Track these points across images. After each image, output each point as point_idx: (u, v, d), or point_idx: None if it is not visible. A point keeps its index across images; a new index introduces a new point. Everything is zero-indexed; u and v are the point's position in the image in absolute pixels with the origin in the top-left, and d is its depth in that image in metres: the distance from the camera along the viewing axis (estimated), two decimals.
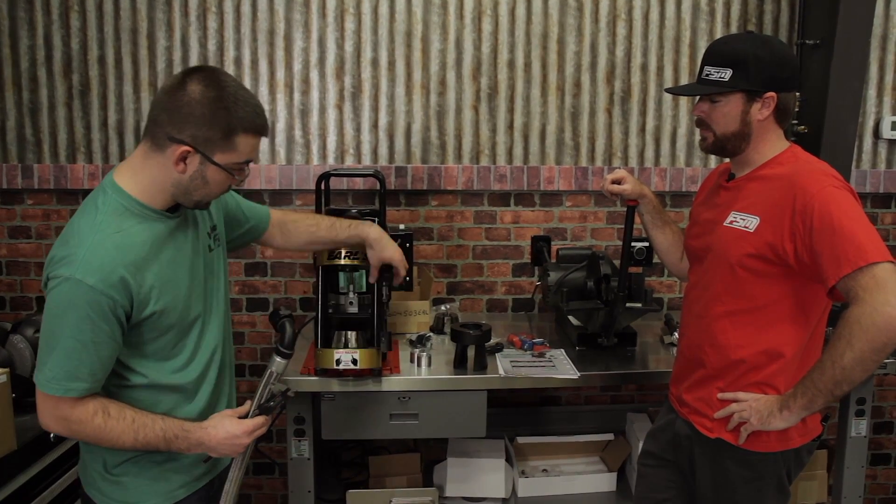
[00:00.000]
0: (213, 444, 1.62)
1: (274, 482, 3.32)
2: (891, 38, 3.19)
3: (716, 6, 3.15)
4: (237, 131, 1.53)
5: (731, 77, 1.75)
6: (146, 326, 1.57)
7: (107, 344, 1.50)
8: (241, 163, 1.59)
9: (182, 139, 1.51)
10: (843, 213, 1.60)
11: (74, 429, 1.53)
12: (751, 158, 1.83)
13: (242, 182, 1.65)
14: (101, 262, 1.47)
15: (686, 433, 1.93)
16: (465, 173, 3.14)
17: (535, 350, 2.57)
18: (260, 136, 1.60)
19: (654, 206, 2.18)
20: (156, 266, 1.56)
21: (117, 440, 1.54)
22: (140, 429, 1.55)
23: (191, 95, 1.50)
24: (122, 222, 1.53)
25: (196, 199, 1.60)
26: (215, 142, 1.52)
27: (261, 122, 1.58)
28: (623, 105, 3.18)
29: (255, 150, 1.61)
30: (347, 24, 3.06)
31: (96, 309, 1.46)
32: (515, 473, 2.87)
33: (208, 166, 1.54)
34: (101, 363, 1.51)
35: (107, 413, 1.53)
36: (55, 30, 2.99)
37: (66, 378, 1.48)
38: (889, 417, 3.47)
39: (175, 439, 1.59)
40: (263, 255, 3.17)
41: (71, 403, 1.50)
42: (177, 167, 1.53)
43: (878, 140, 3.26)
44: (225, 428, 1.63)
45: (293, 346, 1.74)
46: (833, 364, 1.57)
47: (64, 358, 1.47)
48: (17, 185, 3.03)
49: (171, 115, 1.51)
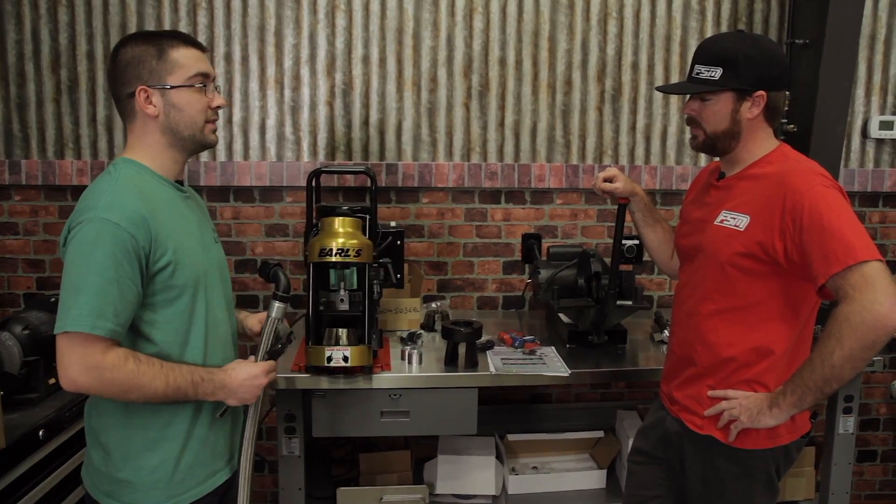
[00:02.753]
0: (235, 386, 1.68)
1: (263, 479, 3.31)
2: (879, 38, 3.22)
3: (706, 5, 3.16)
4: (167, 49, 1.63)
5: (721, 76, 1.76)
6: (160, 282, 1.59)
7: (129, 286, 1.52)
8: (193, 75, 1.65)
9: (133, 88, 1.61)
10: (832, 211, 1.62)
11: (107, 377, 1.52)
12: (741, 157, 1.84)
13: (221, 100, 1.72)
14: (124, 203, 1.54)
15: (676, 430, 1.94)
16: (455, 171, 3.14)
17: (525, 348, 2.57)
18: (193, 45, 1.67)
19: (645, 204, 2.19)
20: (170, 223, 1.62)
21: (150, 385, 1.55)
22: (170, 372, 1.58)
23: (121, 55, 1.63)
24: (139, 179, 1.62)
25: (187, 132, 1.66)
26: (157, 69, 1.61)
27: (185, 35, 1.69)
28: (614, 103, 3.19)
29: (200, 61, 1.68)
30: (338, 21, 3.05)
31: (121, 246, 1.50)
32: (506, 470, 2.87)
33: (169, 93, 1.63)
34: (125, 306, 1.53)
35: (137, 359, 1.55)
36: (43, 24, 2.97)
37: (93, 315, 1.48)
38: (875, 414, 3.49)
39: (202, 381, 1.63)
40: (254, 252, 3.16)
41: (101, 349, 1.50)
42: (147, 111, 1.62)
43: (866, 139, 3.28)
44: (244, 369, 1.71)
45: (289, 290, 1.84)
46: (823, 362, 1.58)
47: (92, 295, 1.49)
48: (5, 181, 3.00)
49: (118, 79, 1.63)
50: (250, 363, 1.75)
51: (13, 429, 2.08)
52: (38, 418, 2.18)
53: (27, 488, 2.11)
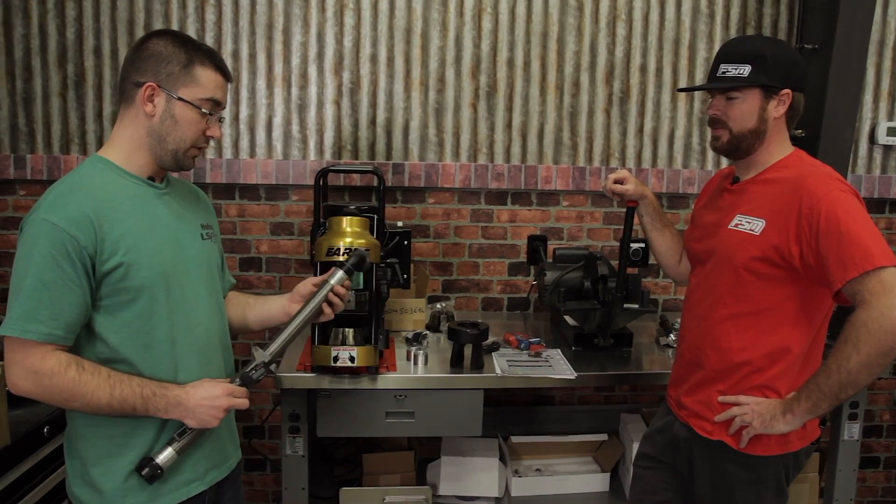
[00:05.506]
0: (191, 405, 1.56)
1: (265, 478, 3.30)
2: (888, 44, 3.21)
3: (715, 9, 3.16)
4: (195, 63, 1.59)
5: (751, 72, 1.75)
6: (111, 283, 1.51)
7: (70, 289, 1.45)
8: (206, 98, 1.61)
9: (145, 80, 1.57)
10: (849, 216, 1.61)
11: (46, 383, 1.45)
12: (759, 160, 1.83)
13: (218, 131, 1.66)
14: (67, 203, 1.48)
15: (685, 435, 1.93)
16: (462, 171, 3.13)
17: (531, 350, 2.56)
18: (221, 72, 1.64)
19: (654, 208, 2.18)
20: (129, 220, 1.55)
21: (92, 396, 1.48)
22: (116, 384, 1.49)
23: (151, 45, 1.58)
24: (99, 178, 1.56)
25: (171, 146, 1.60)
26: (176, 75, 1.57)
27: (219, 59, 1.65)
28: (621, 106, 3.18)
29: (219, 88, 1.64)
30: (347, 20, 3.04)
31: (59, 247, 1.44)
32: (509, 473, 2.86)
33: (175, 103, 1.58)
34: (63, 309, 1.45)
35: (81, 366, 1.48)
36: (50, 19, 2.95)
37: (24, 319, 1.43)
38: (879, 421, 3.49)
39: (153, 397, 1.53)
40: (258, 251, 3.15)
41: (41, 354, 1.45)
42: (145, 108, 1.57)
43: (873, 145, 3.28)
44: (205, 388, 1.59)
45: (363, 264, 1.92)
46: (839, 367, 1.57)
47: (25, 298, 1.43)
48: (10, 176, 2.99)
49: (134, 64, 1.58)
50: (214, 382, 1.62)
51: (18, 425, 2.07)
52: (42, 415, 2.17)
53: (32, 485, 2.10)
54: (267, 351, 1.70)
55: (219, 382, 1.63)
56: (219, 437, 1.73)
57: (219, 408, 1.59)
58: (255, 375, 1.67)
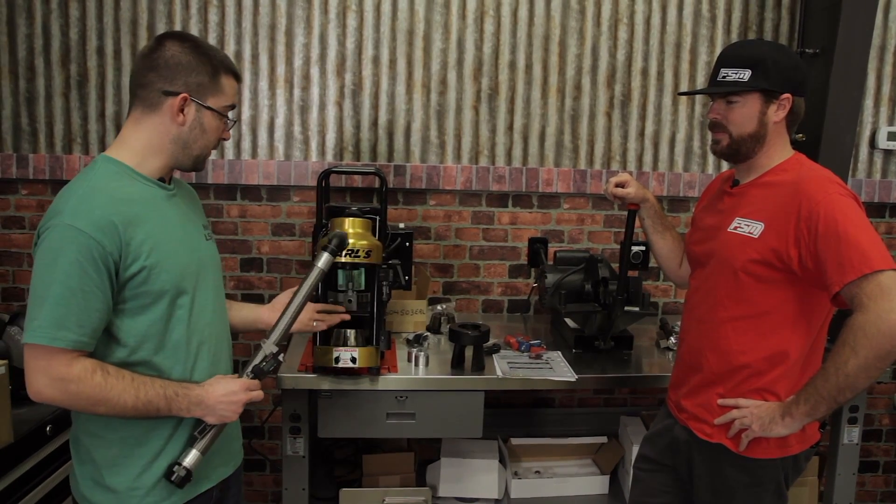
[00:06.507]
0: (212, 403, 1.60)
1: (265, 479, 3.30)
2: (889, 49, 3.22)
3: (717, 13, 3.17)
4: (220, 73, 1.63)
5: (751, 77, 1.76)
6: (132, 288, 1.52)
7: (95, 295, 1.46)
8: (228, 106, 1.67)
9: (177, 90, 1.58)
10: (848, 220, 1.62)
11: (73, 389, 1.45)
12: (759, 163, 1.84)
13: (229, 134, 1.73)
14: (91, 208, 1.47)
15: (685, 438, 1.93)
16: (463, 173, 3.14)
17: (532, 352, 2.57)
18: (236, 77, 1.69)
19: (655, 211, 2.19)
20: (149, 224, 1.55)
21: (118, 399, 1.48)
22: (140, 386, 1.51)
23: (171, 51, 1.58)
24: (115, 181, 1.56)
25: (196, 152, 1.65)
26: (206, 86, 1.61)
27: (233, 64, 1.69)
28: (623, 109, 3.19)
29: (236, 94, 1.71)
30: (349, 21, 3.05)
31: (86, 254, 1.44)
32: (508, 474, 2.87)
33: (204, 112, 1.62)
34: (90, 315, 1.46)
35: (105, 371, 1.49)
36: (54, 19, 2.97)
37: (53, 326, 1.42)
38: (878, 425, 3.50)
39: (175, 397, 1.56)
40: (259, 251, 3.16)
41: (66, 361, 1.44)
42: (177, 119, 1.59)
43: (873, 150, 3.29)
44: (223, 385, 1.63)
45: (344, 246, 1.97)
46: (837, 371, 1.58)
47: (53, 306, 1.43)
48: (12, 175, 3.00)
49: (160, 72, 1.58)
50: (230, 378, 1.66)
51: (21, 424, 2.08)
52: (45, 414, 2.18)
53: (34, 483, 2.11)
54: (271, 340, 1.74)
55: (234, 378, 1.67)
56: (227, 434, 1.74)
57: (237, 402, 1.64)
58: (267, 367, 1.72)
